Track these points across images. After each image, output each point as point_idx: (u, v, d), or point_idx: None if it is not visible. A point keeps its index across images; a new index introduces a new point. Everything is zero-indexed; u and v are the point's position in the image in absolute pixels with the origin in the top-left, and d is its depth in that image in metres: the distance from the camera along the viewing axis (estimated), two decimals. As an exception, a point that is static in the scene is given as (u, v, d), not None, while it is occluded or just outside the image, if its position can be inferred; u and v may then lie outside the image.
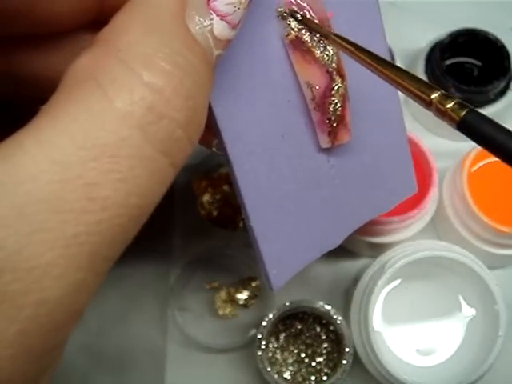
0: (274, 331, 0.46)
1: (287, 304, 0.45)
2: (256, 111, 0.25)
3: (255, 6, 0.23)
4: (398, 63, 0.49)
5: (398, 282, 0.46)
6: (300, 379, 0.45)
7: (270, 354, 0.46)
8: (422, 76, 0.49)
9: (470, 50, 0.49)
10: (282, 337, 0.46)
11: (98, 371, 0.47)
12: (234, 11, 0.18)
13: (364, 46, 0.27)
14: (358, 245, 0.48)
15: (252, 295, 0.49)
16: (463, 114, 0.19)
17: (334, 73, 0.25)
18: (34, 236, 0.14)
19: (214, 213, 0.48)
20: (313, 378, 0.45)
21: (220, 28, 0.18)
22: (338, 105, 0.26)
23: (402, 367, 0.43)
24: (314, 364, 0.46)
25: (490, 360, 0.41)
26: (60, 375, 0.47)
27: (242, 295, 0.49)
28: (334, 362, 0.45)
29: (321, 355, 0.46)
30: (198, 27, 0.18)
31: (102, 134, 0.15)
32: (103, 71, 0.16)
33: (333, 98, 0.26)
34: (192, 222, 0.50)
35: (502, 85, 0.48)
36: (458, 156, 0.47)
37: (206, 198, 0.49)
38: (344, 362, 0.44)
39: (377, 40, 0.30)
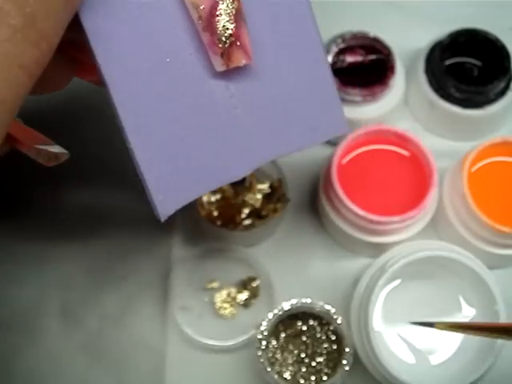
0: (273, 331, 0.46)
1: (287, 304, 0.45)
2: (136, 34, 0.25)
3: None
4: (398, 63, 0.49)
5: (398, 282, 0.46)
6: (300, 379, 0.45)
7: (270, 354, 0.46)
8: (422, 76, 0.49)
9: (469, 50, 0.49)
10: (281, 337, 0.46)
11: (98, 371, 0.47)
12: None
13: (297, 46, 0.28)
14: (358, 245, 0.48)
15: (252, 295, 0.49)
16: None
17: None
18: None
19: (214, 213, 0.49)
20: (313, 378, 0.45)
21: None
22: (228, 24, 0.25)
23: (401, 367, 0.43)
24: (313, 364, 0.46)
25: (490, 360, 0.41)
26: (60, 375, 0.47)
27: (242, 295, 0.49)
28: (334, 362, 0.45)
29: (321, 355, 0.46)
30: None
31: None
32: None
33: (220, 17, 0.25)
34: (192, 221, 0.50)
35: (502, 85, 0.48)
36: (457, 156, 0.47)
37: (206, 198, 0.49)
38: (344, 361, 0.44)
39: (310, 40, 0.29)
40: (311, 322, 0.46)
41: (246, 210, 0.49)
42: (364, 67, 0.50)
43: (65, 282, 0.49)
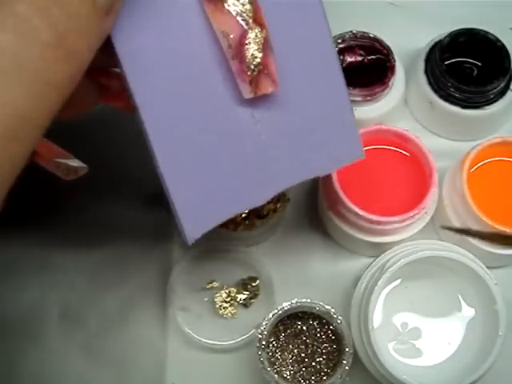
0: (273, 331, 0.46)
1: (287, 304, 0.45)
2: (167, 60, 0.26)
3: None
4: (398, 63, 0.49)
5: (398, 282, 0.46)
6: (300, 379, 0.45)
7: (270, 354, 0.46)
8: (422, 76, 0.49)
9: (469, 49, 0.49)
10: (281, 337, 0.46)
11: (99, 371, 0.47)
12: None
13: (309, 45, 0.28)
14: (358, 245, 0.48)
15: (252, 295, 0.49)
16: None
17: (250, 21, 0.25)
18: None
19: (214, 213, 0.49)
20: (313, 377, 0.45)
21: None
22: (257, 53, 0.26)
23: (401, 367, 0.43)
24: (313, 364, 0.46)
25: (490, 360, 0.41)
26: (60, 375, 0.47)
27: (242, 295, 0.49)
28: (333, 362, 0.46)
29: (321, 355, 0.46)
30: None
31: None
32: None
33: (249, 46, 0.26)
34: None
35: (502, 85, 0.48)
36: (457, 156, 0.47)
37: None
38: (344, 361, 0.44)
39: (322, 39, 0.29)
40: (311, 322, 0.46)
41: (246, 210, 0.49)
42: (364, 67, 0.50)
43: (66, 283, 0.49)
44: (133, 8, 0.24)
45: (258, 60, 0.26)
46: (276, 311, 0.44)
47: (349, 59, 0.50)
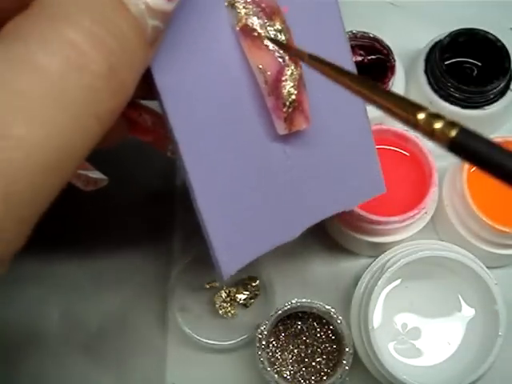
0: (273, 331, 0.46)
1: (287, 304, 0.45)
2: (205, 96, 0.25)
3: None
4: (398, 63, 0.49)
5: (398, 281, 0.46)
6: (300, 379, 0.45)
7: (270, 354, 0.46)
8: (422, 76, 0.49)
9: (469, 49, 0.49)
10: (281, 337, 0.46)
11: (98, 371, 0.47)
12: None
13: (324, 45, 0.27)
14: (358, 245, 0.48)
15: (252, 295, 0.49)
16: (454, 134, 0.17)
17: (286, 58, 0.25)
18: None
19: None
20: (313, 377, 0.45)
21: None
22: (293, 90, 0.26)
23: (401, 367, 0.43)
24: (314, 364, 0.46)
25: (489, 360, 0.41)
26: (60, 375, 0.47)
27: (242, 295, 0.49)
28: (333, 362, 0.46)
29: (321, 355, 0.46)
30: None
31: (17, 80, 0.17)
32: (28, 28, 0.17)
33: (286, 83, 0.26)
34: (192, 222, 0.50)
35: (502, 85, 0.47)
36: (457, 156, 0.47)
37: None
38: (344, 361, 0.44)
39: (337, 39, 0.29)
40: (311, 322, 0.46)
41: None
42: (364, 67, 0.50)
43: (66, 283, 0.49)
44: (171, 42, 0.23)
45: (294, 97, 0.26)
46: (276, 311, 0.44)
47: (349, 59, 0.49)
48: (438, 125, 0.18)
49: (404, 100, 0.18)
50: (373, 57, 0.50)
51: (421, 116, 0.18)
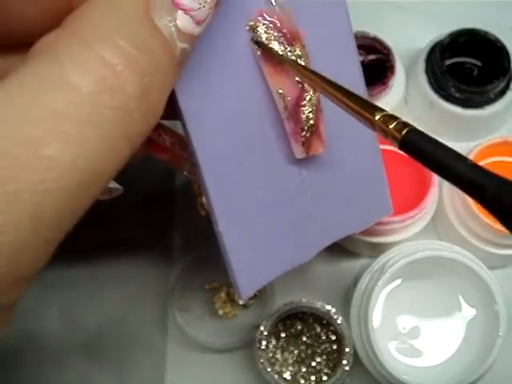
0: (273, 331, 0.46)
1: (287, 304, 0.45)
2: (226, 119, 0.26)
3: (226, 19, 0.24)
4: (398, 63, 0.49)
5: (398, 282, 0.46)
6: (300, 379, 0.45)
7: (270, 354, 0.46)
8: (422, 76, 0.49)
9: (469, 49, 0.49)
10: (282, 337, 0.46)
11: (98, 371, 0.47)
12: (199, 8, 0.19)
13: (337, 64, 0.28)
14: (358, 245, 0.48)
15: (252, 295, 0.49)
16: (404, 133, 0.19)
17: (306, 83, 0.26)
18: None
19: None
20: (313, 378, 0.45)
21: (184, 21, 0.19)
22: (311, 115, 0.26)
23: (401, 367, 0.43)
24: (313, 364, 0.46)
25: (490, 360, 0.41)
26: (60, 375, 0.47)
27: (242, 295, 0.49)
28: (333, 362, 0.45)
29: (321, 355, 0.46)
30: (161, 18, 0.19)
31: (50, 99, 0.16)
32: (61, 46, 0.17)
33: (305, 108, 0.26)
34: (192, 221, 0.50)
35: (502, 85, 0.47)
36: (458, 156, 0.46)
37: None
38: (344, 361, 0.44)
39: (349, 59, 0.30)
40: (311, 322, 0.46)
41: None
42: (364, 67, 0.49)
43: (66, 283, 0.49)
44: (193, 64, 0.23)
45: (312, 122, 0.26)
46: (276, 311, 0.44)
47: (349, 59, 0.49)
48: (391, 125, 0.20)
49: (364, 101, 0.20)
50: (373, 57, 0.50)
51: (377, 116, 0.20)
